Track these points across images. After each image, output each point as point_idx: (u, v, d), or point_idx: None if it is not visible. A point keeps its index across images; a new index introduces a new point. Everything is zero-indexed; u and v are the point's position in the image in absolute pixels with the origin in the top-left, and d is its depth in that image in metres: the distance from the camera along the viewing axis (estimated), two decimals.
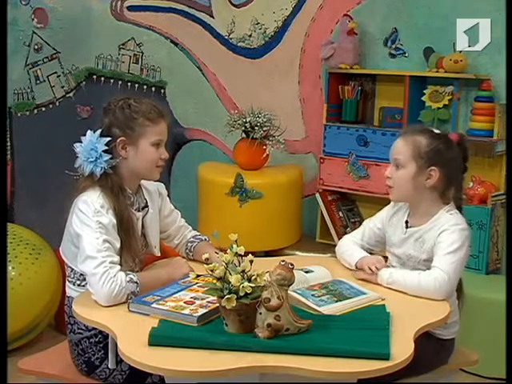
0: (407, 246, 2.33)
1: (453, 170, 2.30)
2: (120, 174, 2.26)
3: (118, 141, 2.23)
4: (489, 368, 3.08)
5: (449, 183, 2.30)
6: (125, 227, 2.20)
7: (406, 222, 2.36)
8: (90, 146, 2.21)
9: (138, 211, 2.32)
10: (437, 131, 2.34)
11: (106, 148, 2.21)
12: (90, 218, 2.13)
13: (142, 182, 2.37)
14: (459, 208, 2.33)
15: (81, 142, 2.24)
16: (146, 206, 2.36)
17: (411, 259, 2.31)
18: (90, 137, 2.22)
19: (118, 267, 2.09)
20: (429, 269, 2.22)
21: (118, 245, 2.16)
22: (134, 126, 2.23)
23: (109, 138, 2.21)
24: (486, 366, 2.83)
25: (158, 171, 2.30)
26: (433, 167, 2.25)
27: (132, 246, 2.23)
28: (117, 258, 2.12)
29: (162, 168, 2.31)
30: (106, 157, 2.20)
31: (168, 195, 2.53)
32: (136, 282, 2.07)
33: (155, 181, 2.42)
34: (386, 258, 2.43)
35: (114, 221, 2.16)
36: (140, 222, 2.32)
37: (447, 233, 2.22)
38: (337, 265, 2.45)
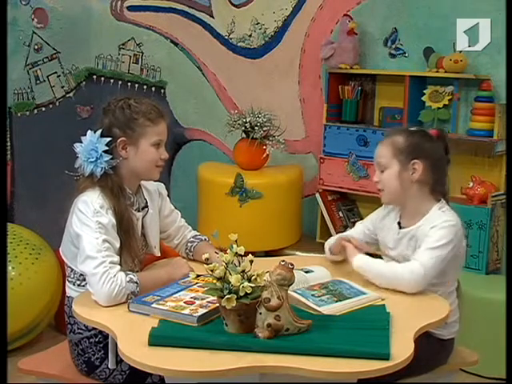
0: (402, 246, 2.33)
1: (436, 161, 2.31)
2: (120, 174, 2.26)
3: (118, 141, 2.23)
4: (489, 368, 3.08)
5: (435, 175, 2.30)
6: (125, 228, 2.20)
7: (399, 223, 2.36)
8: (90, 147, 2.20)
9: (138, 211, 2.32)
10: (413, 128, 2.38)
11: (107, 148, 2.20)
12: (89, 218, 2.13)
13: (142, 181, 2.37)
14: (446, 200, 2.34)
15: (81, 142, 2.24)
16: (146, 206, 2.36)
17: (406, 259, 2.30)
18: (90, 137, 2.22)
19: (118, 267, 2.09)
20: None
21: (117, 245, 2.16)
22: (135, 126, 2.23)
23: (109, 139, 2.21)
24: (486, 366, 2.83)
25: (157, 171, 2.30)
26: (415, 160, 2.27)
27: (132, 247, 2.23)
28: (117, 258, 2.12)
29: (161, 168, 2.31)
30: (107, 157, 2.20)
31: (168, 195, 2.53)
32: (136, 282, 2.07)
33: (155, 181, 2.42)
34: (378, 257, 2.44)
35: (114, 221, 2.16)
36: (140, 222, 2.32)
37: (436, 229, 2.22)
38: (337, 265, 2.45)
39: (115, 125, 2.24)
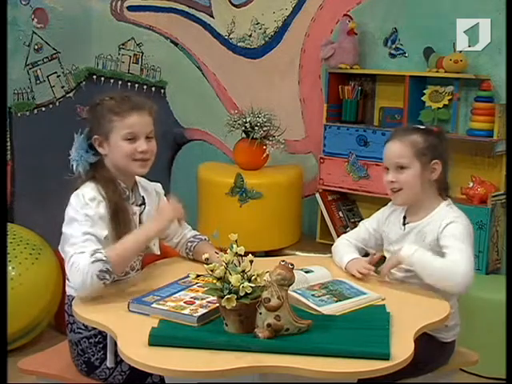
0: (407, 241, 2.33)
1: (447, 159, 2.35)
2: (108, 168, 2.27)
3: (93, 139, 2.26)
4: (489, 368, 3.08)
5: (445, 173, 2.35)
6: (120, 217, 2.20)
7: (404, 217, 2.37)
8: (75, 147, 2.26)
9: (136, 206, 2.33)
10: (423, 127, 2.42)
11: (89, 147, 2.26)
12: (77, 210, 2.13)
13: (140, 180, 2.38)
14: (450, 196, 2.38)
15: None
16: (143, 203, 2.36)
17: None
18: (76, 138, 2.27)
19: (86, 254, 2.03)
20: None
21: (103, 233, 2.12)
22: (103, 122, 2.24)
23: (86, 137, 2.26)
24: (486, 366, 2.83)
25: (137, 165, 2.26)
26: (435, 160, 2.30)
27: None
28: (92, 247, 2.05)
29: (144, 161, 2.26)
30: (88, 154, 2.25)
31: (168, 195, 2.53)
32: (101, 260, 2.02)
33: (151, 181, 2.43)
34: (383, 257, 2.44)
35: (103, 212, 2.15)
36: (137, 217, 2.32)
37: (454, 224, 2.24)
38: (337, 265, 2.45)
39: (90, 124, 2.27)
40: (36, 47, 4.17)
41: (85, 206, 2.13)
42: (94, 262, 2.02)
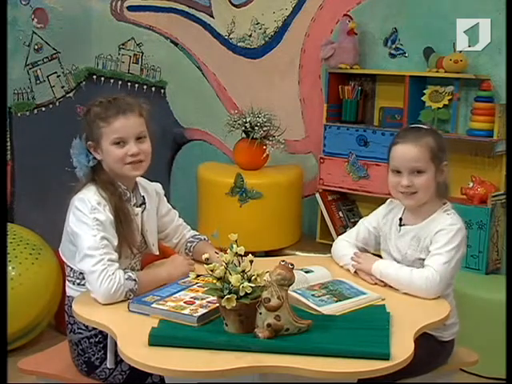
0: (402, 244, 2.33)
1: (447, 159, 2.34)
2: (106, 171, 2.28)
3: (87, 145, 2.27)
4: (489, 368, 3.08)
5: (447, 174, 2.34)
6: (121, 218, 2.20)
7: (400, 219, 2.37)
8: (73, 152, 2.27)
9: (137, 207, 2.33)
10: (427, 127, 2.39)
11: (87, 152, 2.27)
12: (86, 215, 2.13)
13: (140, 180, 2.38)
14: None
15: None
16: (144, 203, 2.37)
17: (407, 258, 2.31)
18: (73, 144, 2.28)
19: (117, 265, 2.09)
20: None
21: (115, 242, 2.16)
22: (93, 129, 2.25)
23: (82, 143, 2.27)
24: (486, 366, 2.83)
25: (130, 168, 2.25)
26: (445, 162, 2.30)
27: (129, 236, 2.22)
28: (115, 256, 2.12)
29: (137, 164, 2.25)
30: (88, 158, 2.25)
31: (168, 195, 2.53)
32: (134, 280, 2.08)
33: (151, 181, 2.44)
34: (380, 257, 2.44)
35: (112, 217, 2.17)
36: (140, 218, 2.32)
37: (444, 232, 2.22)
38: (337, 265, 2.45)
39: (84, 130, 2.28)
40: (36, 47, 4.17)
41: (93, 211, 2.14)
42: (128, 279, 2.07)
